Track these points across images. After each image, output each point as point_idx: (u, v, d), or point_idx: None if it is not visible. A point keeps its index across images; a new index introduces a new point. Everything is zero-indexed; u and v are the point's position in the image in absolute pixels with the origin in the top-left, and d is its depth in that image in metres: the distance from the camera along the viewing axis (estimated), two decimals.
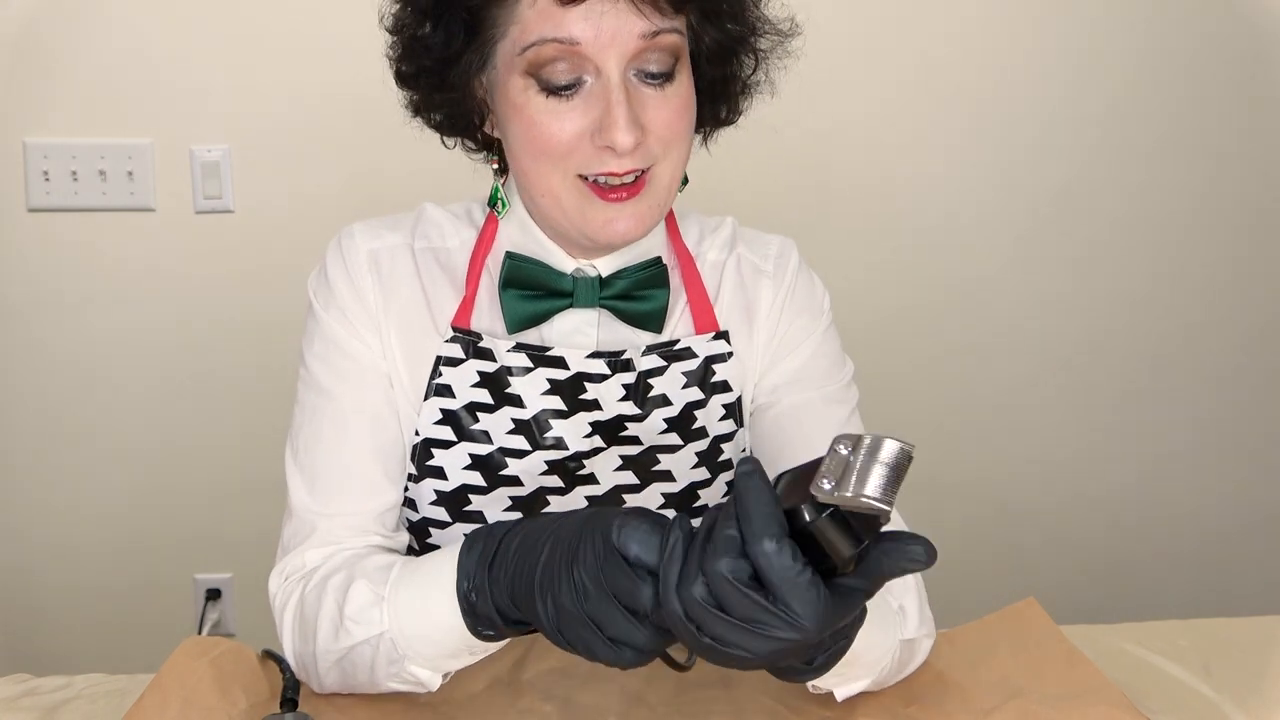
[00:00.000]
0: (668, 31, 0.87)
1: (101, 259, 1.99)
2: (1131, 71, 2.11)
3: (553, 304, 0.97)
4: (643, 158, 0.88)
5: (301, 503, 0.96)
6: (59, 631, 2.08)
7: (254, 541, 1.21)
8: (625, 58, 0.86)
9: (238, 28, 1.94)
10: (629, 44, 0.86)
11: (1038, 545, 2.24)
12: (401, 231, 1.01)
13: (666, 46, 0.87)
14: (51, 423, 2.03)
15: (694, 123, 0.93)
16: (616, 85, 0.86)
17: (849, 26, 2.02)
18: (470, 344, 0.97)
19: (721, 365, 1.01)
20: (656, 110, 0.88)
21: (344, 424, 0.96)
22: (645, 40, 0.86)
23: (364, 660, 0.86)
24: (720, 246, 1.05)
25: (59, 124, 1.95)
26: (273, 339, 1.99)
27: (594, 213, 0.90)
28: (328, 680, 0.90)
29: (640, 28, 0.85)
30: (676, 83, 0.89)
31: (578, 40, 0.85)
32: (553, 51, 0.86)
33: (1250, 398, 2.25)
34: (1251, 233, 2.20)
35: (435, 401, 0.97)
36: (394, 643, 0.84)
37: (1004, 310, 2.18)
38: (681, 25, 0.89)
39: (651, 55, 0.87)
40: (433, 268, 1.00)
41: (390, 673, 0.86)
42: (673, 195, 0.93)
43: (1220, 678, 1.01)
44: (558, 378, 0.97)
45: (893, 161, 2.10)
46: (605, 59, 0.86)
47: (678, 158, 0.91)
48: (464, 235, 1.02)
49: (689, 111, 0.91)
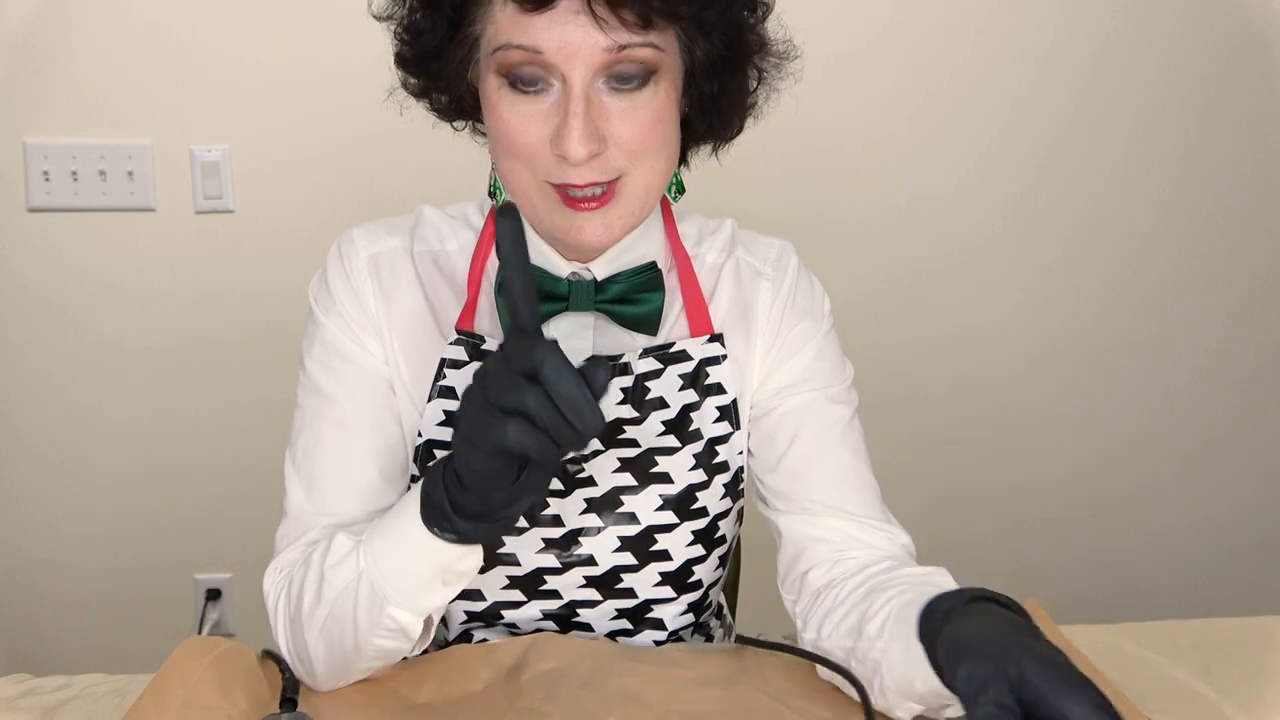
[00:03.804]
0: (638, 47, 0.85)
1: (101, 259, 1.99)
2: (1131, 71, 2.11)
3: (549, 308, 0.97)
4: (601, 170, 0.88)
5: (299, 504, 0.97)
6: (59, 631, 2.08)
7: (254, 541, 1.20)
8: (591, 69, 0.85)
9: (238, 28, 1.94)
10: (593, 57, 0.85)
11: (1037, 545, 2.24)
12: (400, 235, 1.02)
13: (638, 59, 0.86)
14: (51, 422, 2.03)
15: (672, 134, 0.92)
16: (577, 96, 0.85)
17: (840, 31, 2.02)
18: (474, 346, 0.98)
19: (715, 368, 1.01)
20: (622, 121, 0.87)
21: (343, 428, 0.97)
22: (611, 54, 0.85)
23: (346, 614, 0.87)
24: (719, 249, 1.06)
25: (59, 124, 1.95)
26: (273, 339, 2.00)
27: (562, 219, 0.90)
28: (319, 662, 0.91)
29: (604, 42, 0.84)
30: (648, 93, 0.88)
31: (541, 49, 0.85)
32: (518, 57, 0.86)
33: (1251, 398, 2.25)
34: (1259, 233, 2.20)
35: (439, 403, 0.98)
36: (372, 584, 0.86)
37: (1005, 312, 2.17)
38: (662, 40, 0.87)
39: (623, 66, 0.86)
40: (432, 271, 1.01)
41: (372, 624, 0.87)
42: (649, 203, 0.93)
43: (1221, 678, 1.00)
44: None
45: (888, 165, 2.10)
46: (570, 68, 0.85)
47: (653, 167, 0.90)
48: (462, 238, 1.02)
49: (663, 123, 0.89)
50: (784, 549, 1.03)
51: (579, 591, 1.00)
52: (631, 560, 0.99)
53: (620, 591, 1.01)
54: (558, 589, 1.00)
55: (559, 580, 0.99)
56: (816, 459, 1.01)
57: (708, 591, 1.05)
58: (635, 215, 0.92)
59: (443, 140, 1.15)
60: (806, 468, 1.01)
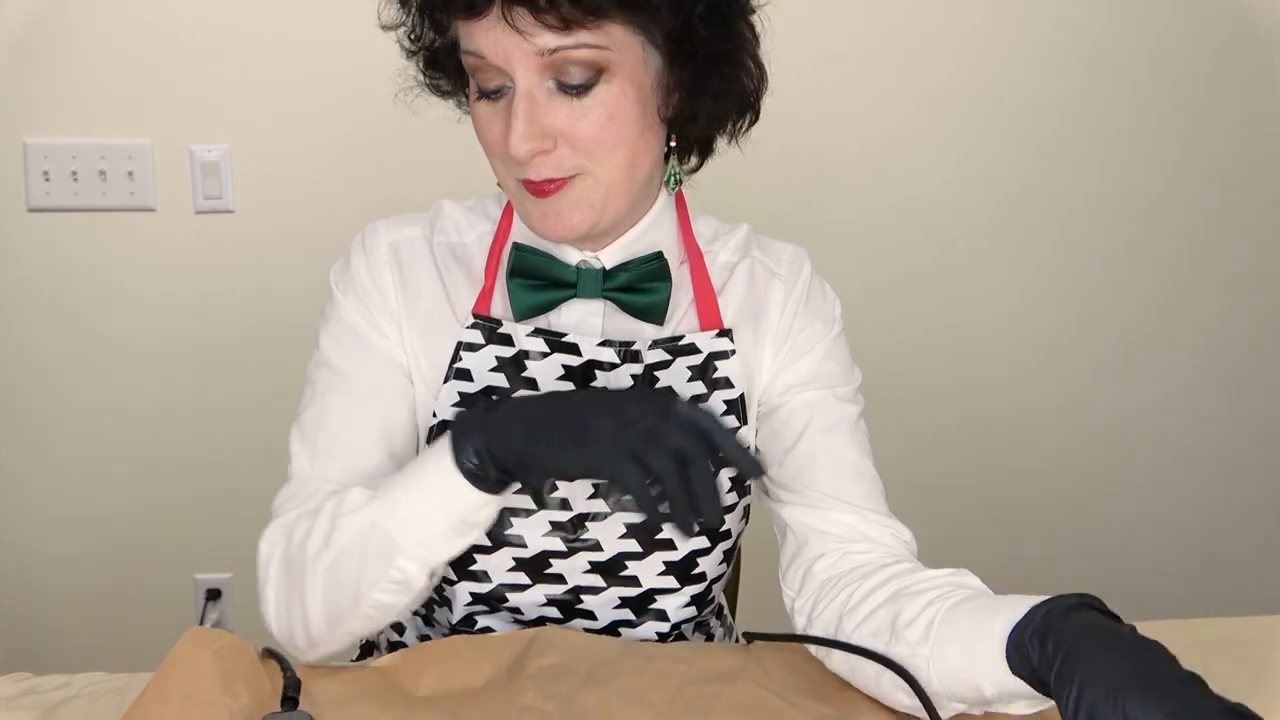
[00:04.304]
0: (572, 48, 0.87)
1: (101, 259, 1.99)
2: (1129, 71, 2.11)
3: (557, 294, 1.00)
4: (555, 167, 0.91)
5: (303, 469, 0.99)
6: (59, 630, 2.08)
7: (254, 542, 1.20)
8: (530, 70, 0.88)
9: (238, 27, 1.94)
10: (527, 60, 0.88)
11: (1036, 544, 2.24)
12: (420, 225, 1.06)
13: (580, 60, 0.88)
14: (51, 422, 2.03)
15: (634, 129, 0.92)
16: (520, 95, 0.89)
17: (835, 30, 2.02)
18: (490, 330, 1.01)
19: (724, 362, 1.03)
20: (570, 121, 0.90)
21: (352, 401, 1.00)
22: (545, 57, 0.87)
23: (353, 562, 0.89)
24: (733, 249, 1.08)
25: (59, 124, 1.94)
26: (273, 338, 2.00)
27: (532, 208, 0.95)
28: (313, 614, 0.91)
29: (533, 48, 0.87)
30: (597, 94, 0.89)
31: (483, 54, 0.89)
32: (472, 61, 0.91)
33: (1250, 395, 2.25)
34: (1255, 230, 2.20)
35: (454, 385, 1.00)
36: (386, 532, 0.88)
37: (1001, 309, 2.17)
38: (603, 39, 0.88)
39: (566, 67, 0.88)
40: (449, 261, 1.04)
41: (377, 574, 0.88)
42: (615, 198, 0.94)
43: (1221, 678, 1.00)
44: (571, 364, 1.00)
45: (884, 164, 2.10)
46: (513, 70, 0.89)
47: (612, 164, 0.92)
48: (480, 230, 1.06)
49: (620, 120, 0.91)
50: (788, 541, 1.04)
51: (583, 577, 1.01)
52: (636, 548, 1.01)
53: (624, 579, 1.02)
54: (562, 573, 1.01)
55: (564, 564, 1.01)
56: (823, 452, 1.03)
57: (711, 585, 1.05)
58: (601, 208, 0.94)
59: (443, 140, 1.15)
60: (813, 460, 1.03)
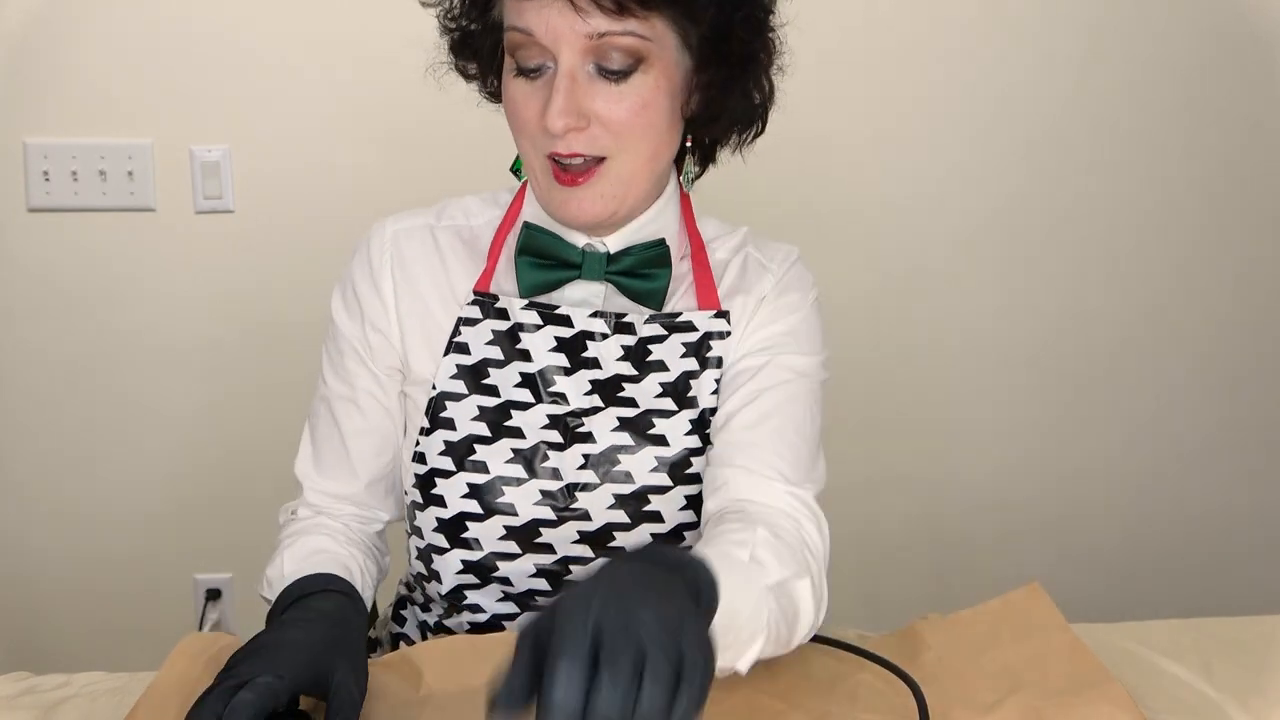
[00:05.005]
0: (619, 34, 0.92)
1: (101, 259, 1.99)
2: (1123, 70, 2.11)
3: (563, 274, 1.05)
4: (586, 144, 0.96)
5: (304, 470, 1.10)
6: (59, 630, 2.08)
7: (254, 542, 1.20)
8: (575, 52, 0.93)
9: (238, 28, 1.94)
10: (576, 41, 0.92)
11: (1037, 545, 2.24)
12: (427, 215, 1.10)
13: (623, 47, 0.93)
14: (51, 422, 2.03)
15: (661, 122, 0.97)
16: (562, 74, 0.93)
17: (830, 30, 2.02)
18: (488, 305, 1.05)
19: (719, 341, 1.06)
20: (606, 104, 0.95)
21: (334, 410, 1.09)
22: (593, 40, 0.92)
23: None
24: (731, 248, 1.12)
25: (59, 124, 1.95)
26: (273, 338, 2.00)
27: (555, 193, 0.99)
28: None
29: (585, 29, 0.92)
30: (634, 82, 0.95)
31: (532, 31, 0.93)
32: (518, 38, 0.95)
33: (1252, 397, 2.25)
34: (1252, 231, 2.20)
35: (453, 358, 1.05)
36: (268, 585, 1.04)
37: (997, 310, 2.17)
38: (647, 30, 0.93)
39: (610, 52, 0.93)
40: (454, 242, 1.09)
41: None
42: (633, 189, 0.99)
43: (1222, 677, 1.00)
44: (563, 335, 1.04)
45: (879, 163, 2.10)
46: (559, 50, 0.93)
47: (637, 152, 0.97)
48: (490, 215, 1.11)
49: (650, 110, 0.96)
50: None
51: (572, 547, 1.03)
52: (624, 519, 1.03)
53: (612, 550, 1.03)
54: (552, 543, 1.03)
55: (554, 534, 1.03)
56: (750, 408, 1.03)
57: None
58: (618, 198, 0.99)
59: (444, 139, 1.15)
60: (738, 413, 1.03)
